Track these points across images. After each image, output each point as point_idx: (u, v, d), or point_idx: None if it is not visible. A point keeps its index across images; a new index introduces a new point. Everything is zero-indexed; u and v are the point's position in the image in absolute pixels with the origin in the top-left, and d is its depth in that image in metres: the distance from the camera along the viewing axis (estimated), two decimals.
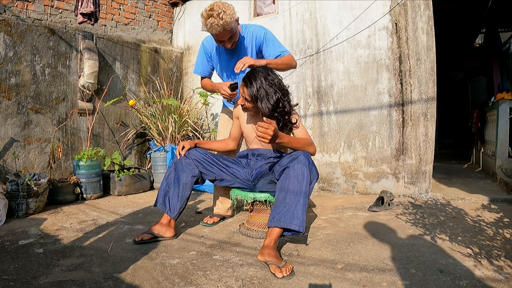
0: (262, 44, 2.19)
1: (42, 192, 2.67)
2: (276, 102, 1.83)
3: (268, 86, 1.82)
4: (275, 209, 1.72)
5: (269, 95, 1.82)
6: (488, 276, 1.48)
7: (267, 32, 2.20)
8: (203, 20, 2.00)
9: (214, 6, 1.96)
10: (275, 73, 1.91)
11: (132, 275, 1.54)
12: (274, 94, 1.83)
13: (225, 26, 1.96)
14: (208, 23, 1.97)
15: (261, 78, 1.83)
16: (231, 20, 1.97)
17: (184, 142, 2.11)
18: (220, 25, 1.94)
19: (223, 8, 1.94)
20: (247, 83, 1.86)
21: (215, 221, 2.37)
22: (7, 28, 2.95)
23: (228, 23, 1.96)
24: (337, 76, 3.47)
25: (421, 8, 3.09)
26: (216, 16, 1.93)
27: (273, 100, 1.82)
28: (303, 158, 1.74)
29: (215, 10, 1.94)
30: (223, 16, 1.93)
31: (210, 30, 2.01)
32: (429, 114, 3.09)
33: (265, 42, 2.19)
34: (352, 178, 3.42)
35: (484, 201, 2.90)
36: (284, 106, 1.88)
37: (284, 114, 1.88)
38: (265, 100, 1.82)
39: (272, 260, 1.58)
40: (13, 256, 1.76)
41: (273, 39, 2.20)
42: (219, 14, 1.92)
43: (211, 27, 1.97)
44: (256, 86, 1.82)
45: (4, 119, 2.94)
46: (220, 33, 2.00)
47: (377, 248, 1.85)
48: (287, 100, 1.90)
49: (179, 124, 3.80)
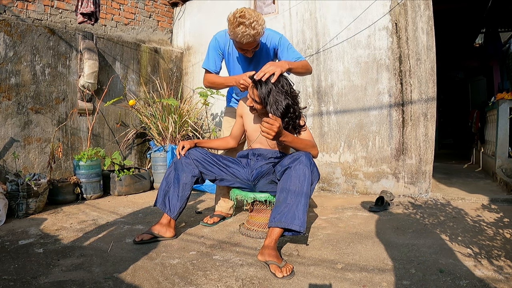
0: (277, 48, 2.15)
1: (42, 192, 2.66)
2: (286, 107, 1.80)
3: (279, 91, 1.80)
4: (276, 209, 1.72)
5: (278, 101, 1.79)
6: (488, 276, 1.48)
7: (282, 37, 2.17)
8: (230, 26, 1.88)
9: (245, 13, 1.85)
10: (286, 79, 1.87)
11: (132, 275, 1.54)
12: (284, 100, 1.79)
13: (256, 37, 1.88)
14: (238, 32, 1.85)
15: (271, 84, 1.80)
16: (262, 31, 1.89)
17: (184, 142, 2.11)
18: (251, 35, 1.85)
19: (255, 18, 1.84)
20: (258, 85, 1.83)
21: (215, 221, 2.37)
22: (7, 28, 2.95)
23: (260, 34, 1.89)
24: (337, 76, 3.47)
25: (421, 8, 3.09)
26: (248, 25, 1.83)
27: (282, 107, 1.79)
28: (304, 158, 1.74)
29: (247, 18, 1.83)
30: (255, 26, 1.84)
31: (239, 39, 1.88)
32: (429, 114, 3.09)
33: (280, 47, 2.15)
34: (352, 178, 3.42)
35: (484, 201, 2.90)
36: (295, 111, 1.86)
37: (294, 119, 1.87)
38: (274, 106, 1.79)
39: (272, 260, 1.58)
40: (13, 256, 1.76)
41: (288, 44, 2.18)
42: (252, 24, 1.83)
43: (242, 36, 1.86)
44: (267, 90, 1.80)
45: (4, 119, 2.94)
46: (249, 43, 1.91)
47: (377, 248, 1.85)
48: (297, 105, 1.89)
49: (179, 124, 3.80)
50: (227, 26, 1.94)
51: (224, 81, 2.18)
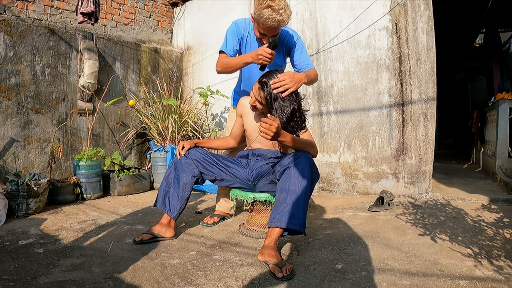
0: (293, 48, 2.16)
1: (42, 192, 2.66)
2: (292, 112, 1.80)
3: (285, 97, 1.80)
4: (275, 209, 1.72)
5: (284, 106, 1.79)
6: (488, 276, 1.48)
7: (299, 38, 2.18)
8: (257, 5, 1.88)
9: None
10: None
11: (132, 275, 1.54)
12: (290, 105, 1.79)
13: (280, 24, 1.90)
14: (265, 13, 1.85)
15: None
16: (287, 20, 1.91)
17: (184, 142, 2.11)
18: (276, 21, 1.86)
19: (284, 6, 1.86)
20: (264, 86, 1.82)
21: (215, 221, 2.37)
22: (7, 28, 2.95)
23: (284, 23, 1.90)
24: (337, 76, 3.47)
25: (421, 8, 3.09)
26: (276, 10, 1.84)
27: (288, 112, 1.79)
28: (304, 158, 1.74)
29: (277, 4, 1.84)
30: (282, 14, 1.85)
31: (263, 20, 1.88)
32: (429, 114, 3.09)
33: (296, 47, 2.16)
34: (352, 178, 3.42)
35: (484, 201, 2.90)
36: (301, 115, 1.86)
37: (301, 123, 1.87)
38: (280, 111, 1.79)
39: (272, 260, 1.58)
40: (13, 256, 1.76)
41: (303, 47, 2.19)
42: (279, 10, 1.84)
43: (267, 19, 1.86)
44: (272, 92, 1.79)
45: (4, 119, 2.94)
46: (272, 28, 1.92)
47: (377, 248, 1.85)
48: (302, 109, 1.89)
49: (179, 124, 3.80)
50: (254, 5, 1.93)
51: (240, 60, 2.05)
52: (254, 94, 1.90)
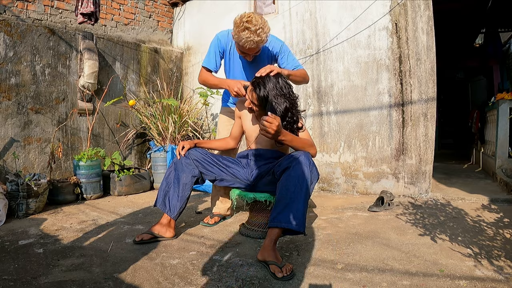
0: (278, 54, 2.18)
1: (42, 192, 2.66)
2: (285, 111, 1.79)
3: (277, 94, 1.79)
4: (275, 209, 1.72)
5: (277, 104, 1.78)
6: (488, 276, 1.48)
7: (283, 44, 2.20)
8: (235, 29, 1.90)
9: (252, 18, 1.87)
10: (286, 82, 1.86)
11: (132, 275, 1.54)
12: (283, 103, 1.79)
13: (260, 44, 1.92)
14: (242, 36, 1.87)
15: (270, 85, 1.79)
16: (266, 39, 1.93)
17: (184, 142, 2.11)
18: (255, 42, 1.89)
19: (261, 25, 1.87)
20: (256, 87, 1.83)
21: (216, 221, 2.37)
22: (7, 28, 2.95)
23: (263, 42, 1.93)
24: (337, 76, 3.47)
25: (421, 8, 3.09)
26: (254, 31, 1.85)
27: (280, 109, 1.78)
28: (303, 158, 1.74)
29: (254, 24, 1.85)
30: (260, 34, 1.87)
31: (242, 43, 1.91)
32: (429, 114, 3.09)
33: (281, 54, 2.18)
34: (352, 178, 3.42)
35: (484, 201, 2.90)
36: (293, 115, 1.85)
37: (292, 123, 1.85)
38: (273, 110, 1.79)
39: (272, 260, 1.58)
40: (13, 256, 1.76)
41: (289, 51, 2.21)
42: (257, 31, 1.86)
43: (245, 42, 1.89)
44: (265, 92, 1.80)
45: (4, 119, 2.94)
46: (251, 48, 1.95)
47: (377, 248, 1.85)
48: (295, 109, 1.87)
49: (179, 124, 3.80)
50: (233, 27, 1.95)
51: (218, 83, 2.19)
52: (248, 96, 1.91)
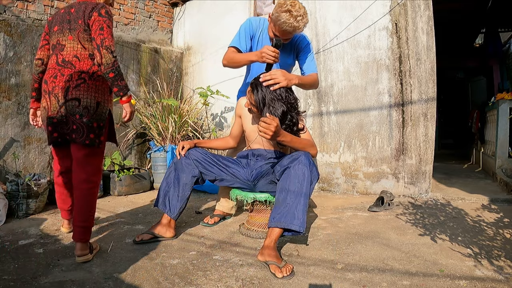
0: (301, 51, 2.21)
1: (42, 192, 2.66)
2: (283, 114, 1.80)
3: (274, 98, 1.80)
4: (275, 209, 1.72)
5: (274, 108, 1.79)
6: (488, 276, 1.48)
7: (309, 44, 2.24)
8: (278, 8, 1.90)
9: (296, 5, 1.88)
10: None
11: (132, 275, 1.54)
12: (280, 107, 1.79)
13: (296, 31, 1.93)
14: (282, 16, 1.87)
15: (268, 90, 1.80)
16: (302, 28, 1.95)
17: (184, 142, 2.11)
18: (292, 27, 1.90)
19: (303, 14, 1.89)
20: (254, 89, 1.84)
21: (216, 221, 2.37)
22: (7, 28, 2.95)
23: (299, 30, 1.94)
24: (337, 76, 3.47)
25: (421, 8, 3.09)
26: (295, 16, 1.86)
27: (278, 114, 1.78)
28: (303, 158, 1.74)
29: (296, 10, 1.86)
30: (299, 21, 1.88)
31: (280, 23, 1.91)
32: (429, 114, 3.09)
33: (303, 51, 2.21)
34: (352, 178, 3.42)
35: (484, 201, 2.90)
36: (292, 118, 1.85)
37: (292, 126, 1.85)
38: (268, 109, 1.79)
39: (272, 260, 1.58)
40: (13, 256, 1.76)
41: (311, 52, 2.24)
42: (297, 17, 1.87)
43: (283, 23, 1.89)
44: (262, 95, 1.80)
45: (4, 119, 2.94)
46: (286, 32, 1.95)
47: (377, 248, 1.85)
48: (294, 111, 1.87)
49: (179, 124, 3.80)
50: (275, 7, 1.94)
51: (245, 57, 2.07)
52: (247, 97, 1.92)
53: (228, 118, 4.32)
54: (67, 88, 1.75)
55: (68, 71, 1.76)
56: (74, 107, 1.75)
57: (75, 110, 1.75)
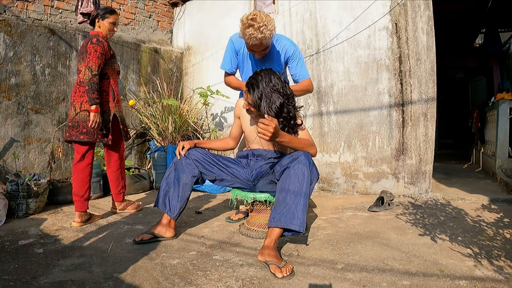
0: (290, 59, 2.24)
1: (42, 192, 2.66)
2: (280, 107, 1.80)
3: (271, 92, 1.79)
4: (275, 209, 1.72)
5: (271, 101, 1.79)
6: (488, 276, 1.48)
7: (297, 50, 2.26)
8: (241, 26, 1.97)
9: (257, 16, 1.93)
10: (279, 78, 1.86)
11: (132, 275, 1.54)
12: (277, 99, 1.79)
13: (263, 41, 1.96)
14: (246, 33, 1.93)
15: (263, 84, 1.80)
16: (270, 36, 1.96)
17: (184, 142, 2.11)
18: (258, 39, 1.93)
19: (265, 22, 1.92)
20: (250, 89, 1.84)
21: (240, 218, 2.43)
22: (7, 28, 2.95)
23: (267, 38, 1.96)
24: (337, 76, 3.47)
25: (421, 8, 3.09)
26: (257, 28, 1.90)
27: (275, 106, 1.79)
28: (303, 158, 1.73)
29: (257, 22, 1.90)
30: (263, 31, 1.91)
31: (246, 39, 1.98)
32: (429, 114, 3.09)
33: (292, 59, 2.24)
34: (352, 178, 3.42)
35: (484, 201, 2.90)
36: (289, 111, 1.85)
37: (289, 119, 1.85)
38: (267, 107, 1.79)
39: (272, 260, 1.58)
40: (13, 256, 1.76)
41: (300, 58, 2.26)
42: (260, 28, 1.90)
43: (249, 38, 1.94)
44: (259, 92, 1.80)
45: (4, 119, 2.94)
46: (255, 45, 2.00)
47: (377, 248, 1.85)
48: (291, 104, 1.87)
49: (179, 124, 3.80)
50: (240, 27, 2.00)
51: (238, 85, 2.31)
52: (244, 97, 1.92)
53: (228, 118, 4.32)
54: (81, 102, 2.36)
55: (82, 89, 2.36)
56: (85, 116, 2.35)
57: (86, 118, 2.35)
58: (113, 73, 2.50)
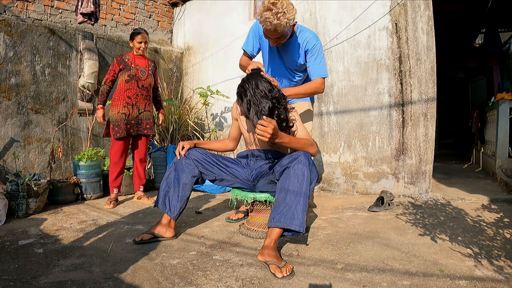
0: (308, 52, 2.16)
1: (42, 192, 2.66)
2: (270, 111, 1.78)
3: (260, 98, 1.78)
4: (275, 209, 1.72)
5: (260, 108, 1.77)
6: (488, 276, 1.48)
7: (318, 44, 2.16)
8: (261, 7, 1.91)
9: (278, 1, 1.86)
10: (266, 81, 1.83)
11: (132, 275, 1.54)
12: (266, 104, 1.78)
13: (277, 28, 1.90)
14: (263, 15, 1.88)
15: (250, 92, 1.79)
16: (286, 25, 1.90)
17: (184, 142, 2.11)
18: (273, 24, 1.88)
19: (286, 9, 1.87)
20: (239, 100, 1.84)
21: (239, 217, 2.42)
22: (7, 28, 2.95)
23: (282, 26, 1.89)
24: (337, 76, 3.47)
25: (421, 8, 3.09)
26: (274, 13, 1.85)
27: (264, 111, 1.77)
28: (303, 158, 1.73)
29: (277, 7, 1.85)
30: (280, 17, 1.86)
31: (261, 22, 1.92)
32: (429, 114, 3.08)
33: (311, 53, 2.15)
34: (352, 178, 3.42)
35: (484, 201, 2.90)
36: (280, 113, 1.83)
37: (280, 122, 1.83)
38: (256, 115, 1.78)
39: (272, 260, 1.58)
40: (13, 256, 1.76)
41: (319, 54, 2.16)
42: (278, 13, 1.85)
43: (264, 21, 1.89)
44: (247, 101, 1.79)
45: (4, 119, 2.94)
46: (269, 30, 1.94)
47: (377, 248, 1.85)
48: (282, 106, 1.85)
49: (179, 124, 3.80)
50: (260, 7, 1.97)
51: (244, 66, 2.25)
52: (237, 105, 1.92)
53: (228, 118, 4.32)
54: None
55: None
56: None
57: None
58: None
